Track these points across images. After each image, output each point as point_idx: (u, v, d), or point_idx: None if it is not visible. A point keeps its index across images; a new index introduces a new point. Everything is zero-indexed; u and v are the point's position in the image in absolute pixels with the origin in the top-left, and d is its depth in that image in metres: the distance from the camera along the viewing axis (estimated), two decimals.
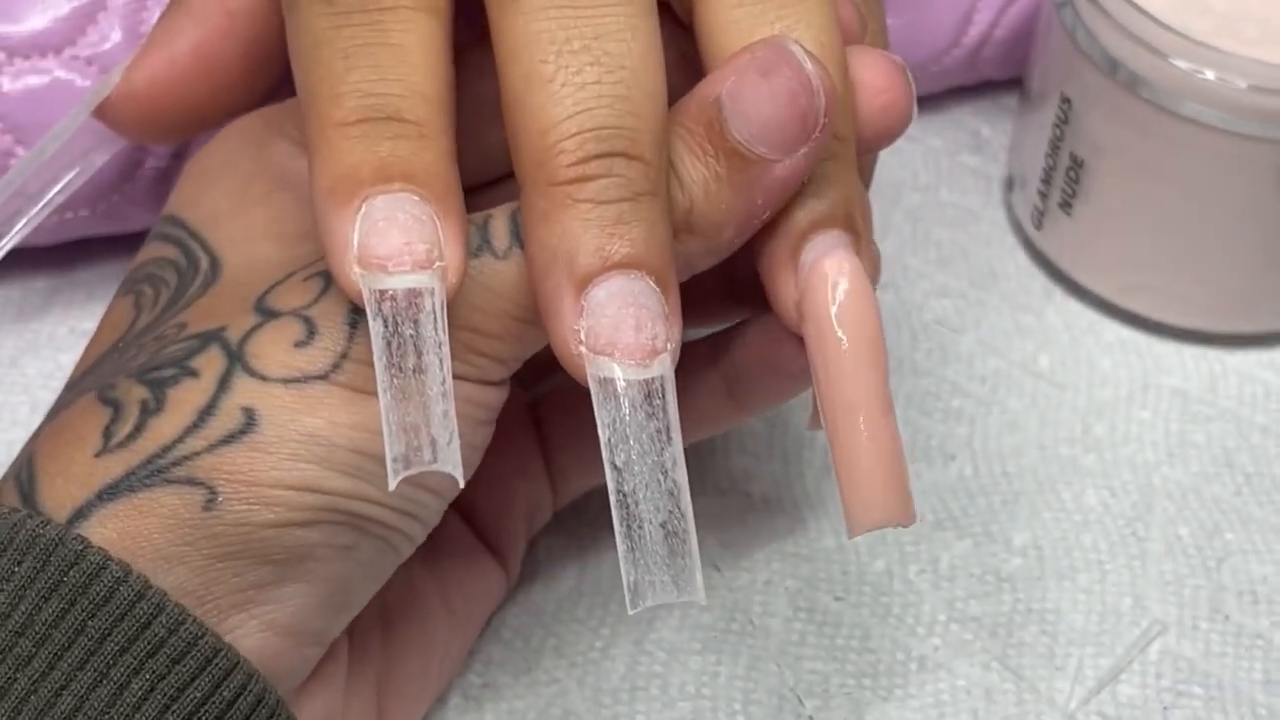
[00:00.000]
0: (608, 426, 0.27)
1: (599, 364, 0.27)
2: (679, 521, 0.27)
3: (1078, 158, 0.42)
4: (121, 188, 0.40)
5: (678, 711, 0.35)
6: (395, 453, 0.26)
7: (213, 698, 0.27)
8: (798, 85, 0.27)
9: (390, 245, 0.26)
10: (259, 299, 0.29)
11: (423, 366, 0.26)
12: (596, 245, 0.26)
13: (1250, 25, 0.40)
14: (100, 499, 0.27)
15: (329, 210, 0.27)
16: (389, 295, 0.26)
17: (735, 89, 0.28)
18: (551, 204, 0.27)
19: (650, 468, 0.27)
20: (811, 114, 0.28)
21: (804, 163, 0.28)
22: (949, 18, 0.46)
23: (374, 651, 0.32)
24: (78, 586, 0.26)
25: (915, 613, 0.37)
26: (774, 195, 0.28)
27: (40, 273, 0.43)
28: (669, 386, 0.27)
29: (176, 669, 0.26)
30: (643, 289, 0.27)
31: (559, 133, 0.27)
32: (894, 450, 0.29)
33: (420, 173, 0.27)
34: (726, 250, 0.29)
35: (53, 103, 0.39)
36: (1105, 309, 0.44)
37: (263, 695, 0.27)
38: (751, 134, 0.28)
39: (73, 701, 0.26)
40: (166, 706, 0.26)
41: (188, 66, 0.33)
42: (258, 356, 0.28)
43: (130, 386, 0.28)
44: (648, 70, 0.27)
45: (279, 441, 0.27)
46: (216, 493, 0.27)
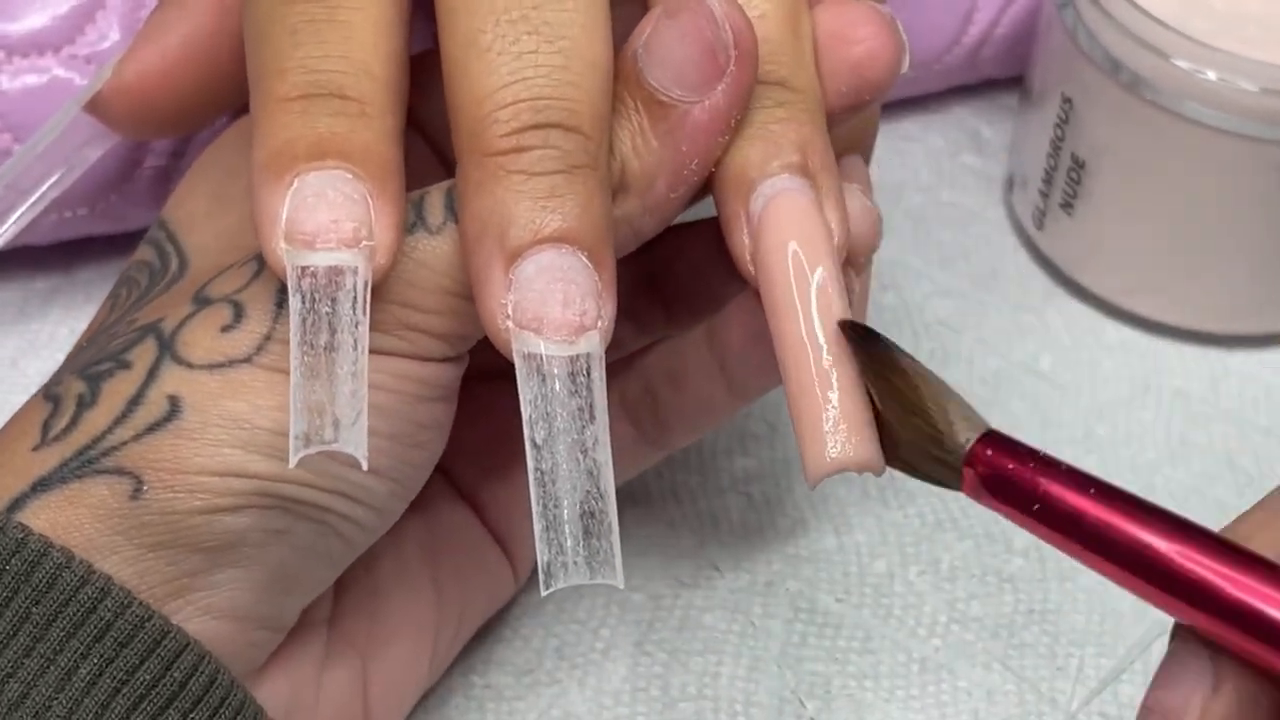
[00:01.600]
0: (529, 403, 0.26)
1: (524, 339, 0.26)
2: (597, 502, 0.26)
3: (1079, 158, 0.42)
4: (121, 187, 0.40)
5: (679, 713, 0.35)
6: (297, 430, 0.26)
7: (164, 679, 0.26)
8: (703, 20, 0.27)
9: (317, 221, 0.26)
10: (199, 290, 0.29)
11: (335, 344, 0.26)
12: (528, 218, 0.26)
13: (1251, 26, 0.40)
14: (34, 490, 0.27)
15: (262, 184, 0.26)
16: (310, 271, 0.26)
17: (648, 38, 0.27)
18: (485, 174, 0.26)
19: (569, 445, 0.26)
20: (720, 48, 0.27)
21: (724, 101, 0.27)
22: (949, 17, 0.46)
23: (360, 636, 0.32)
24: (20, 573, 0.26)
25: (916, 614, 0.37)
26: (699, 141, 0.28)
27: (40, 273, 0.43)
28: (595, 364, 0.26)
29: (125, 652, 0.26)
30: (573, 264, 0.26)
31: (494, 102, 0.26)
32: (858, 389, 0.27)
33: (357, 151, 0.26)
34: (665, 208, 0.28)
35: (51, 101, 0.39)
36: (1106, 309, 0.44)
37: (215, 675, 0.27)
38: (665, 78, 0.27)
39: (20, 688, 0.26)
40: (117, 690, 0.26)
41: (179, 60, 0.33)
42: (186, 344, 0.28)
43: (71, 381, 0.29)
44: (591, 41, 0.27)
45: (201, 427, 0.27)
46: (143, 481, 0.27)
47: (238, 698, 0.27)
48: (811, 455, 0.27)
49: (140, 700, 0.26)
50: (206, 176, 0.33)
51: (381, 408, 0.27)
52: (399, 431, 0.28)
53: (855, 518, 0.39)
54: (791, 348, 0.27)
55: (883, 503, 0.39)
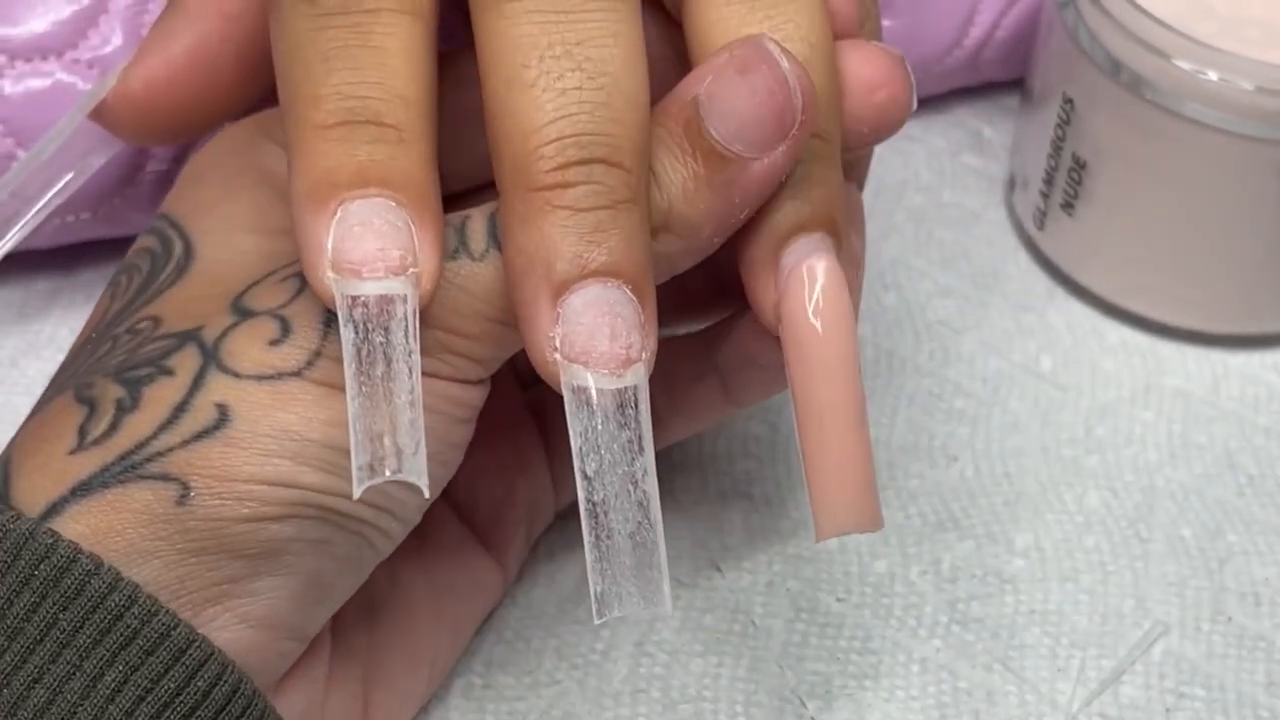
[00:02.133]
0: (580, 435, 0.27)
1: (573, 372, 0.27)
2: (648, 533, 0.27)
3: (1080, 158, 0.42)
4: (123, 191, 0.41)
5: (679, 713, 0.35)
6: (360, 461, 0.26)
7: (187, 688, 0.26)
8: (775, 83, 0.27)
9: (364, 251, 0.26)
10: (236, 299, 0.29)
11: (392, 374, 0.26)
12: (574, 252, 0.26)
13: (1253, 27, 0.40)
14: (73, 495, 0.27)
15: (305, 213, 0.27)
16: (361, 301, 0.26)
17: (712, 88, 0.28)
18: (530, 209, 0.27)
19: (621, 478, 0.27)
20: (789, 112, 0.27)
21: (782, 161, 0.28)
22: (951, 19, 0.46)
23: (359, 648, 0.32)
24: (49, 580, 0.26)
25: (917, 614, 0.37)
26: (752, 194, 0.28)
27: (41, 274, 0.43)
28: (642, 396, 0.27)
29: (150, 660, 0.26)
30: (619, 298, 0.27)
31: (539, 138, 0.26)
32: (863, 456, 0.29)
33: (397, 177, 0.27)
34: (705, 250, 0.29)
35: (54, 105, 0.39)
36: (1107, 310, 0.44)
37: (238, 685, 0.27)
38: (729, 132, 0.27)
39: (46, 694, 0.26)
40: (141, 698, 0.26)
41: (184, 68, 0.33)
42: (232, 354, 0.28)
43: (107, 385, 0.29)
44: (630, 77, 0.27)
45: (252, 437, 0.27)
46: (190, 488, 0.27)
47: (259, 708, 0.27)
48: (824, 519, 0.29)
49: (164, 708, 0.26)
50: (209, 176, 0.33)
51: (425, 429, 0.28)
52: (435, 451, 0.28)
53: None
54: (812, 411, 0.28)
55: (884, 503, 0.39)
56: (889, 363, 0.42)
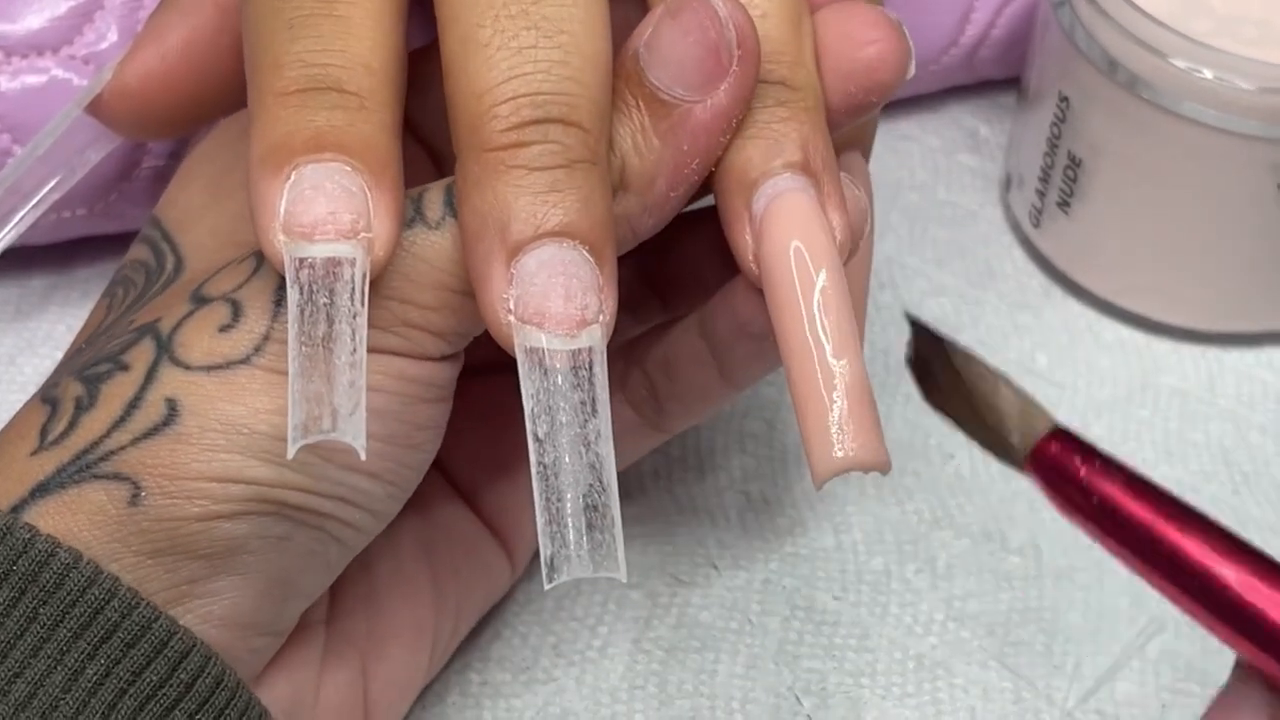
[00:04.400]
0: (531, 397, 0.26)
1: (526, 333, 0.26)
2: (600, 495, 0.26)
3: (1076, 157, 0.42)
4: (119, 186, 0.40)
5: (676, 710, 0.35)
6: (295, 420, 0.25)
7: (170, 680, 0.26)
8: (706, 19, 0.27)
9: (315, 214, 0.26)
10: (196, 288, 0.29)
11: (332, 335, 0.26)
12: (529, 213, 0.26)
13: (1249, 26, 0.40)
14: (32, 496, 0.27)
15: (259, 177, 0.26)
16: (308, 263, 0.26)
17: (649, 37, 0.27)
18: (484, 170, 0.26)
19: (572, 439, 0.26)
20: (724, 47, 0.27)
21: (726, 101, 0.27)
22: (946, 17, 0.46)
23: (359, 634, 0.32)
24: (28, 574, 0.26)
25: (913, 611, 0.37)
26: (700, 140, 0.28)
27: (38, 271, 0.43)
28: (598, 358, 0.26)
29: (132, 653, 0.26)
30: (575, 258, 0.26)
31: (493, 97, 0.26)
32: (864, 387, 0.27)
33: (355, 143, 0.26)
34: (665, 207, 0.28)
35: (50, 102, 0.39)
36: (1103, 308, 0.44)
37: (222, 676, 0.27)
38: (667, 77, 0.27)
39: (27, 688, 0.26)
40: (123, 690, 0.26)
41: (179, 61, 0.33)
42: (184, 345, 0.28)
43: (69, 384, 0.28)
44: (590, 36, 0.27)
45: (199, 432, 0.27)
46: (140, 487, 0.27)
47: (243, 699, 0.27)
48: (817, 456, 0.27)
49: (147, 700, 0.26)
50: (199, 172, 0.33)
51: (379, 409, 0.27)
52: (396, 433, 0.28)
53: (853, 515, 0.39)
54: (796, 349, 0.27)
55: (880, 501, 0.39)
56: (885, 361, 0.42)
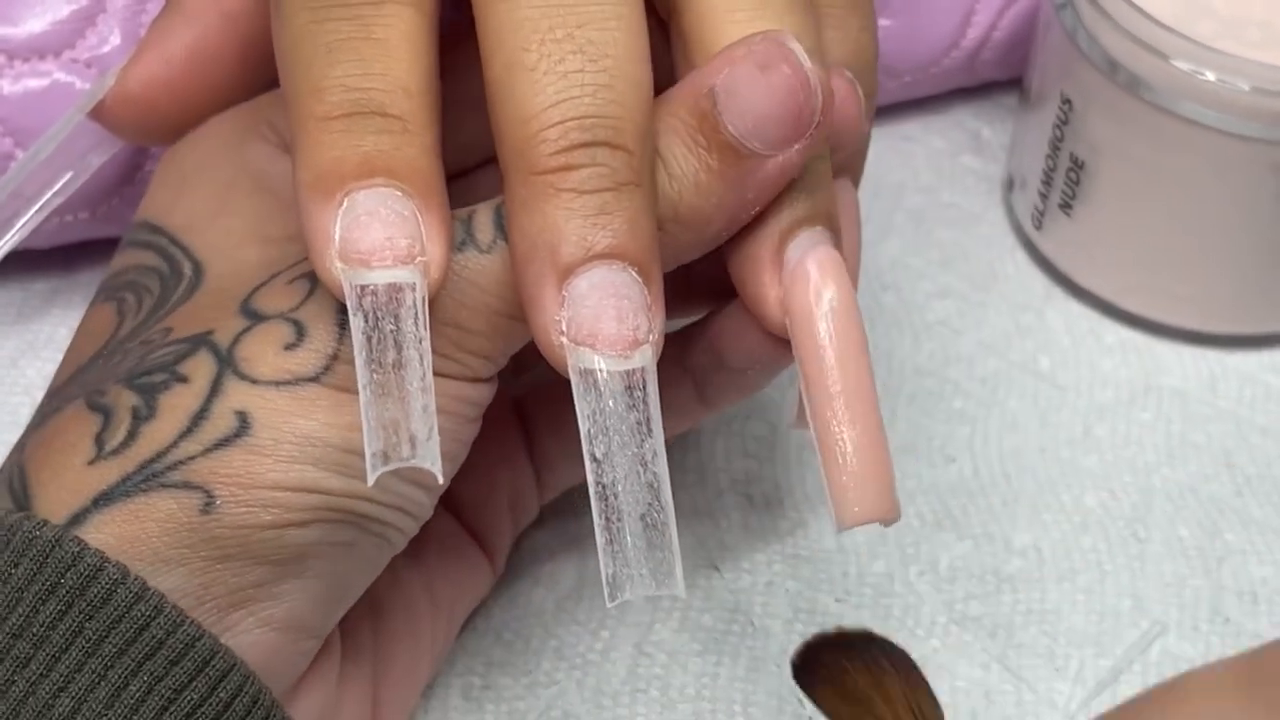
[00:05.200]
0: (588, 418, 0.26)
1: (580, 355, 0.26)
2: (659, 514, 0.26)
3: (1078, 159, 0.42)
4: (121, 190, 0.41)
5: (678, 713, 0.35)
6: (374, 448, 0.26)
7: (210, 699, 0.27)
8: (796, 82, 0.27)
9: (372, 240, 0.26)
10: (244, 301, 0.29)
11: (403, 361, 0.26)
12: (579, 235, 0.26)
13: (1251, 28, 0.40)
14: (95, 505, 0.27)
15: (311, 204, 0.27)
16: (370, 290, 0.26)
17: (731, 82, 0.27)
18: (533, 193, 0.26)
19: (630, 460, 0.26)
20: (808, 111, 0.28)
21: (797, 159, 0.28)
22: (948, 19, 0.46)
23: (366, 645, 0.32)
24: (75, 588, 0.26)
25: (915, 614, 0.37)
26: (765, 191, 0.28)
27: (40, 274, 0.43)
28: (650, 378, 0.27)
29: (174, 670, 0.26)
30: (625, 280, 0.27)
31: (541, 121, 0.26)
32: (880, 445, 0.28)
33: (403, 167, 0.27)
34: (712, 244, 0.29)
35: (52, 105, 0.39)
36: (1105, 310, 0.44)
37: (258, 696, 0.27)
38: (747, 129, 0.27)
39: (71, 703, 0.26)
40: (164, 708, 0.26)
41: (183, 67, 0.33)
42: (248, 360, 0.28)
43: (120, 392, 0.28)
44: (632, 59, 0.27)
45: (274, 444, 0.27)
46: (214, 496, 0.27)
47: (278, 716, 0.28)
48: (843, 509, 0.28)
49: (186, 718, 0.27)
50: (197, 179, 0.33)
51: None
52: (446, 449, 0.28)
53: None
54: (828, 403, 0.28)
55: None
56: (888, 363, 0.42)
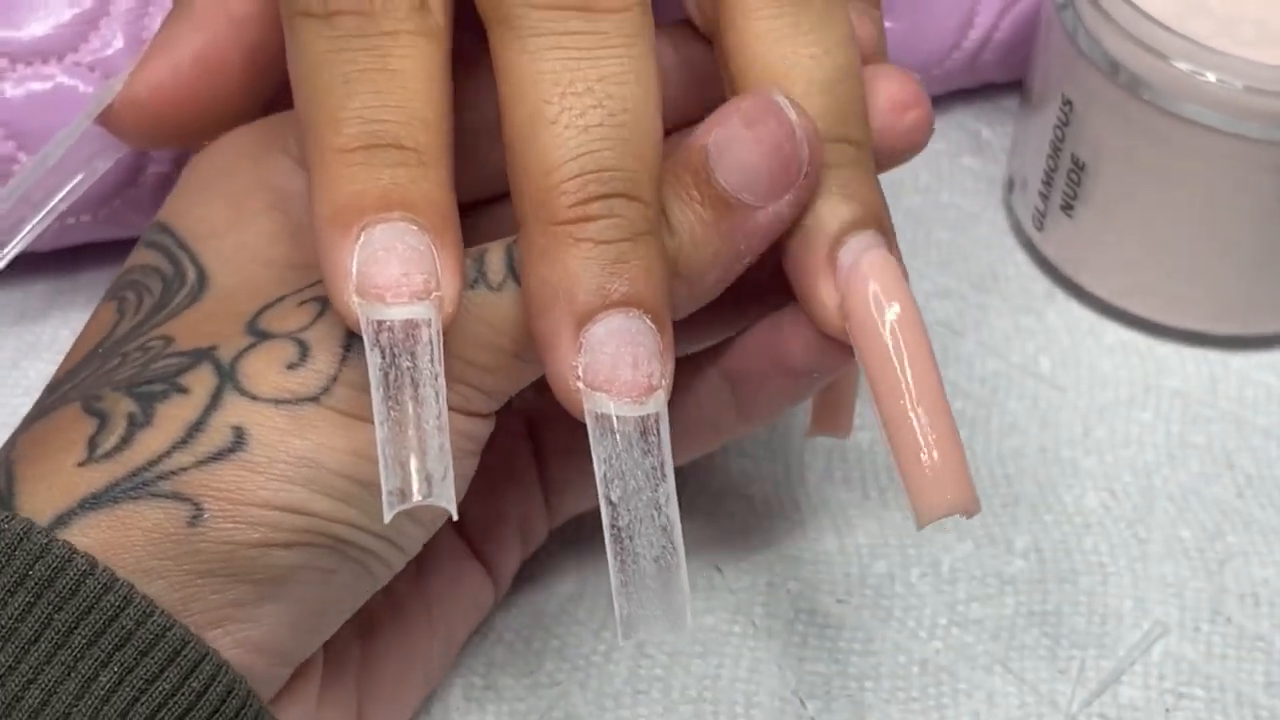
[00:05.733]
0: (604, 462, 0.27)
1: (596, 400, 0.27)
2: (671, 557, 0.27)
3: (1079, 159, 0.42)
4: (123, 193, 0.41)
5: (679, 714, 0.35)
6: (391, 486, 0.26)
7: (182, 689, 0.27)
8: (782, 135, 0.28)
9: (389, 275, 0.26)
10: (251, 320, 0.29)
11: (420, 399, 0.26)
12: (597, 284, 0.27)
13: (1249, 27, 0.40)
14: (82, 507, 0.27)
15: (329, 237, 0.27)
16: (387, 326, 0.26)
17: (721, 138, 0.28)
18: (552, 242, 0.27)
19: (645, 504, 0.27)
20: (795, 162, 0.28)
21: (787, 211, 0.29)
22: (950, 20, 0.46)
23: (352, 660, 0.32)
24: (44, 580, 0.26)
25: (917, 615, 0.37)
26: (755, 241, 0.29)
27: (41, 276, 0.43)
28: (663, 424, 0.27)
29: (145, 660, 0.26)
30: (640, 327, 0.27)
31: (562, 174, 0.27)
32: (955, 438, 0.29)
33: (419, 201, 0.27)
34: (709, 296, 0.30)
35: (55, 108, 0.39)
36: (1106, 311, 0.44)
37: (233, 686, 0.27)
38: (736, 181, 0.28)
39: (40, 694, 0.26)
40: (135, 699, 0.26)
41: (191, 73, 0.33)
42: (249, 376, 0.28)
43: (117, 399, 0.28)
44: (648, 114, 0.28)
45: (268, 462, 0.27)
46: (202, 509, 0.27)
47: (253, 709, 0.28)
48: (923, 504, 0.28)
49: (158, 709, 0.26)
50: (215, 187, 0.33)
51: None
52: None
53: (856, 519, 0.39)
54: (899, 402, 0.29)
55: (883, 504, 0.40)
56: None
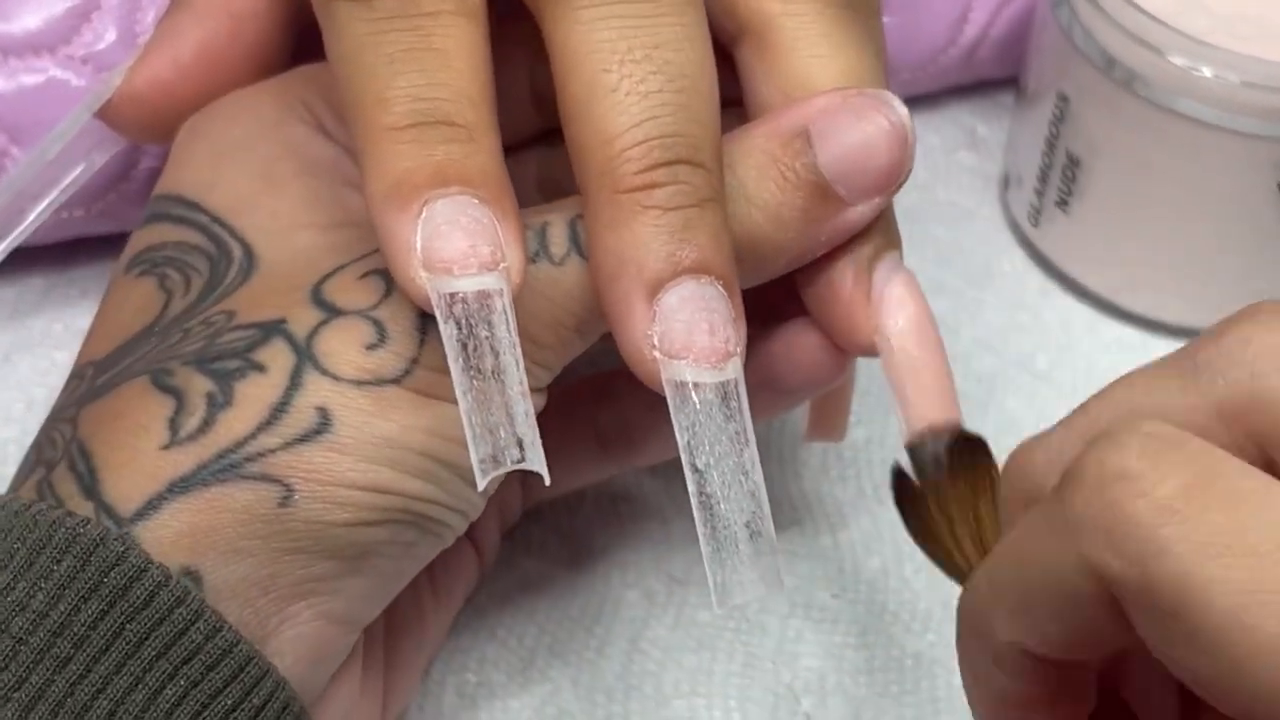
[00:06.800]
0: (686, 430, 0.27)
1: (675, 368, 0.27)
2: (761, 521, 0.27)
3: (1074, 156, 0.42)
4: (117, 187, 0.40)
5: (672, 710, 0.35)
6: (482, 454, 0.26)
7: (243, 704, 0.27)
8: (896, 137, 0.29)
9: (455, 248, 0.26)
10: (314, 290, 0.29)
11: (500, 367, 0.26)
12: (667, 251, 0.27)
13: (1246, 23, 0.40)
14: (170, 492, 0.27)
15: (388, 215, 0.27)
16: (460, 298, 0.26)
17: (828, 126, 0.29)
18: (619, 211, 0.27)
19: (732, 469, 0.27)
20: (901, 165, 0.29)
21: (870, 214, 0.29)
22: (945, 17, 0.46)
23: (379, 634, 0.33)
24: (118, 589, 0.26)
25: (911, 610, 0.37)
26: (838, 236, 0.29)
27: (36, 271, 0.43)
28: (742, 389, 0.27)
29: (211, 676, 0.27)
30: (713, 293, 0.27)
31: (625, 141, 0.27)
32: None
33: (475, 175, 0.27)
34: (771, 276, 0.30)
35: (48, 102, 0.39)
36: (1102, 307, 0.44)
37: (289, 703, 0.28)
38: (838, 171, 0.29)
39: (109, 705, 0.26)
40: (199, 713, 0.27)
41: (190, 68, 0.33)
42: (328, 355, 0.28)
43: (190, 375, 0.28)
44: (705, 78, 0.28)
45: (354, 444, 0.28)
46: (293, 490, 0.27)
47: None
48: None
49: None
50: (236, 157, 0.32)
51: None
52: None
53: (850, 515, 0.39)
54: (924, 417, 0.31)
55: (878, 500, 0.39)
56: None
